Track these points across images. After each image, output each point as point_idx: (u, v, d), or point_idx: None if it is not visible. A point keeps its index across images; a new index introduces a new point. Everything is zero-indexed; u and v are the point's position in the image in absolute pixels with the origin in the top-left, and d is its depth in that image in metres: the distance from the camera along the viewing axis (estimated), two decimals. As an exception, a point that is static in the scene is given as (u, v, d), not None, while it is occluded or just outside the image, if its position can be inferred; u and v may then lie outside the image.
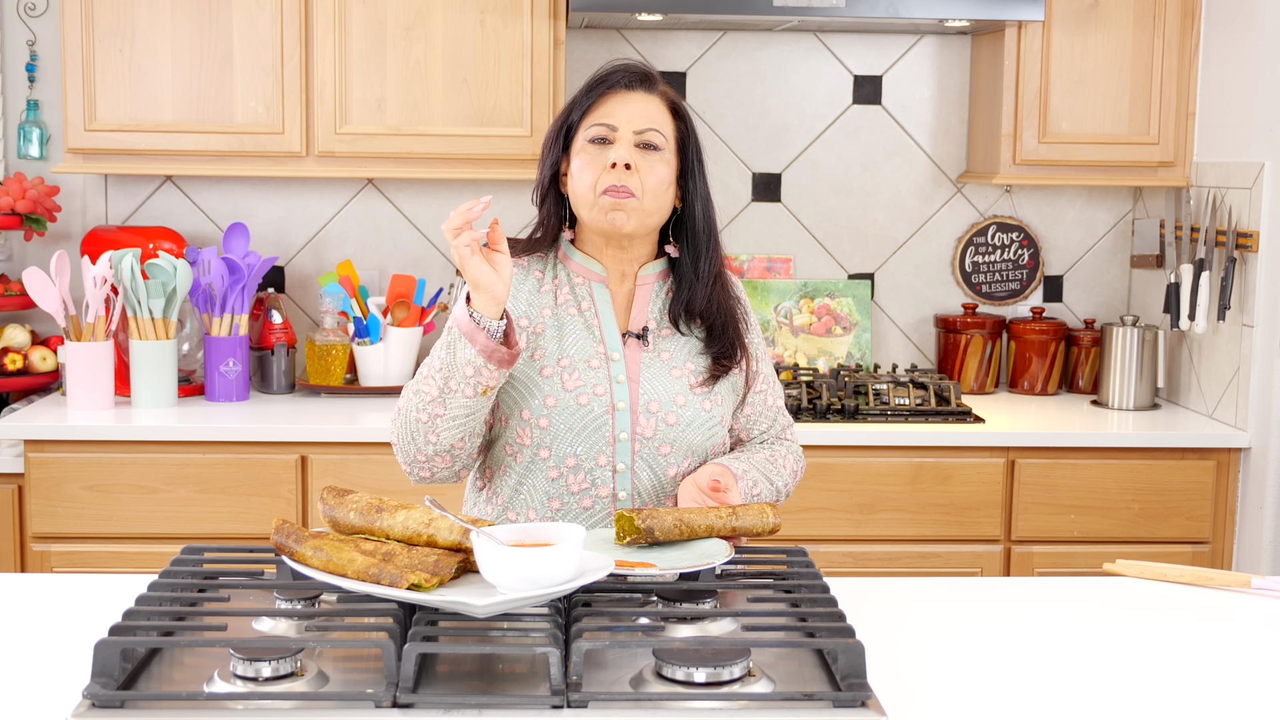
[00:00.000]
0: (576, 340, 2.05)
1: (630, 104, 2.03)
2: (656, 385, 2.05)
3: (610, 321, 2.08)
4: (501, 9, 3.37)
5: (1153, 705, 1.58)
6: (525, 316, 2.06)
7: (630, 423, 2.03)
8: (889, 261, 3.86)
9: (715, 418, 2.08)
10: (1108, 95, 3.49)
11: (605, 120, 2.03)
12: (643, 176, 2.01)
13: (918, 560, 3.27)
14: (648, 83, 2.06)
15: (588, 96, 2.05)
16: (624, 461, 2.03)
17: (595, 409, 2.02)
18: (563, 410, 2.01)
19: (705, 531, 1.88)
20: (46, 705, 1.51)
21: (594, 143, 2.03)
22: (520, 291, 2.07)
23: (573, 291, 2.09)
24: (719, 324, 2.10)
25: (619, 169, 1.99)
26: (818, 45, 3.78)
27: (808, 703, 1.46)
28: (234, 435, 3.14)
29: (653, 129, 2.03)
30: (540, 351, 2.04)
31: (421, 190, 3.75)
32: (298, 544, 1.73)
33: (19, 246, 3.69)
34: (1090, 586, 2.06)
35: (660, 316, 2.10)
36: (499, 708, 1.46)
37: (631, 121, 2.02)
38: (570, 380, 2.02)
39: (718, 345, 2.09)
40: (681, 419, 2.04)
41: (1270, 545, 3.20)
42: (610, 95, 2.04)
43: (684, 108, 2.10)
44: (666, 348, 2.09)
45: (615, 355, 2.05)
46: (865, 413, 3.36)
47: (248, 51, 3.34)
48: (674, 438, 2.04)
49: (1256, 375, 3.25)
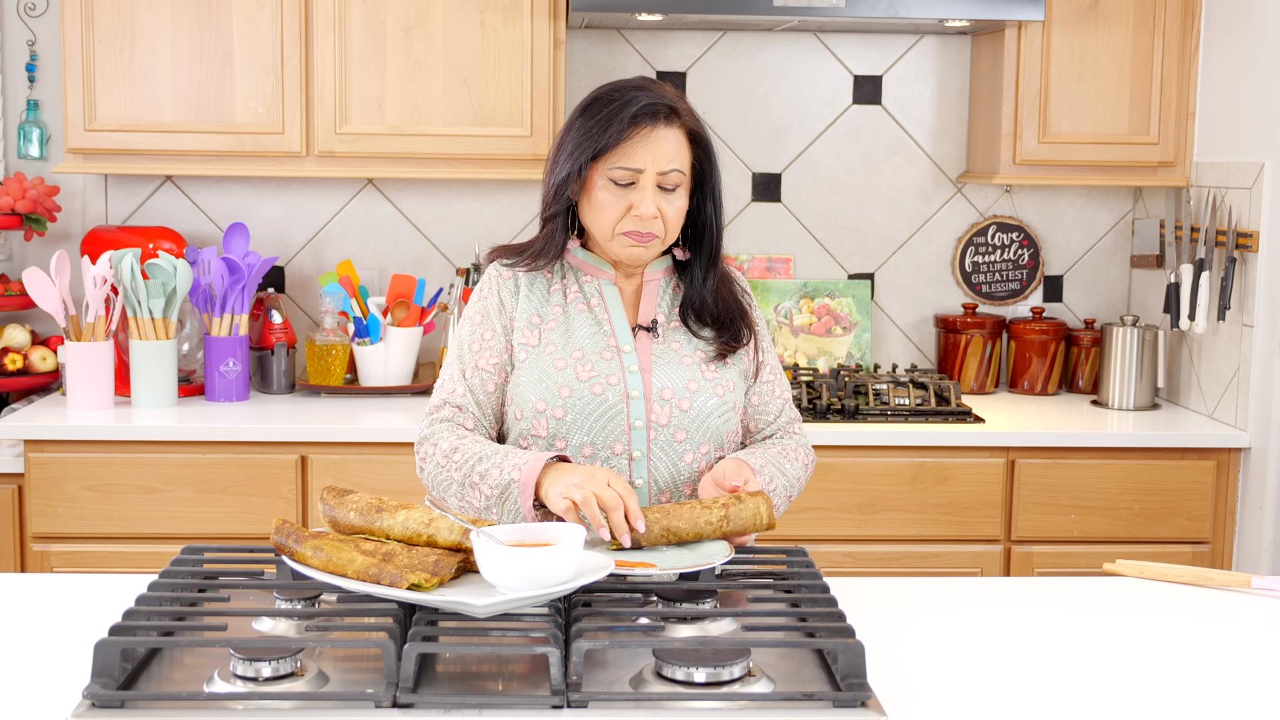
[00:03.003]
0: (588, 334, 2.08)
1: (655, 145, 2.00)
2: (669, 373, 2.08)
3: (620, 316, 2.10)
4: (501, 9, 3.37)
5: (1153, 705, 1.58)
6: (537, 314, 2.10)
7: (645, 410, 2.05)
8: (889, 261, 3.86)
9: (728, 403, 2.10)
10: (1108, 95, 3.49)
11: (629, 164, 2.00)
12: (665, 217, 2.03)
13: (918, 560, 3.27)
14: (671, 117, 2.02)
15: (615, 134, 1.99)
16: (640, 449, 2.05)
17: (610, 398, 2.04)
18: (578, 400, 2.03)
19: (693, 537, 1.88)
20: (46, 705, 1.51)
21: (617, 183, 2.01)
22: (531, 293, 2.11)
23: (581, 289, 2.12)
24: (727, 318, 2.13)
25: (645, 219, 2.00)
26: (818, 45, 3.78)
27: (808, 703, 1.46)
28: (234, 435, 3.14)
29: (675, 169, 2.02)
30: (553, 345, 2.07)
31: (421, 190, 3.75)
32: (298, 544, 1.73)
33: (19, 246, 3.69)
34: (1090, 586, 2.06)
35: (670, 312, 2.14)
36: (499, 708, 1.46)
37: (656, 162, 2.00)
38: (584, 371, 2.05)
39: (727, 334, 2.13)
40: (695, 404, 2.07)
41: (1270, 545, 3.20)
42: (636, 131, 2.00)
43: (704, 135, 2.07)
44: (676, 339, 2.12)
45: (627, 347, 2.08)
46: (865, 413, 3.36)
47: (248, 51, 3.34)
48: (688, 423, 2.06)
49: (1256, 375, 3.25)
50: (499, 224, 3.75)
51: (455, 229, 3.76)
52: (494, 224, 3.76)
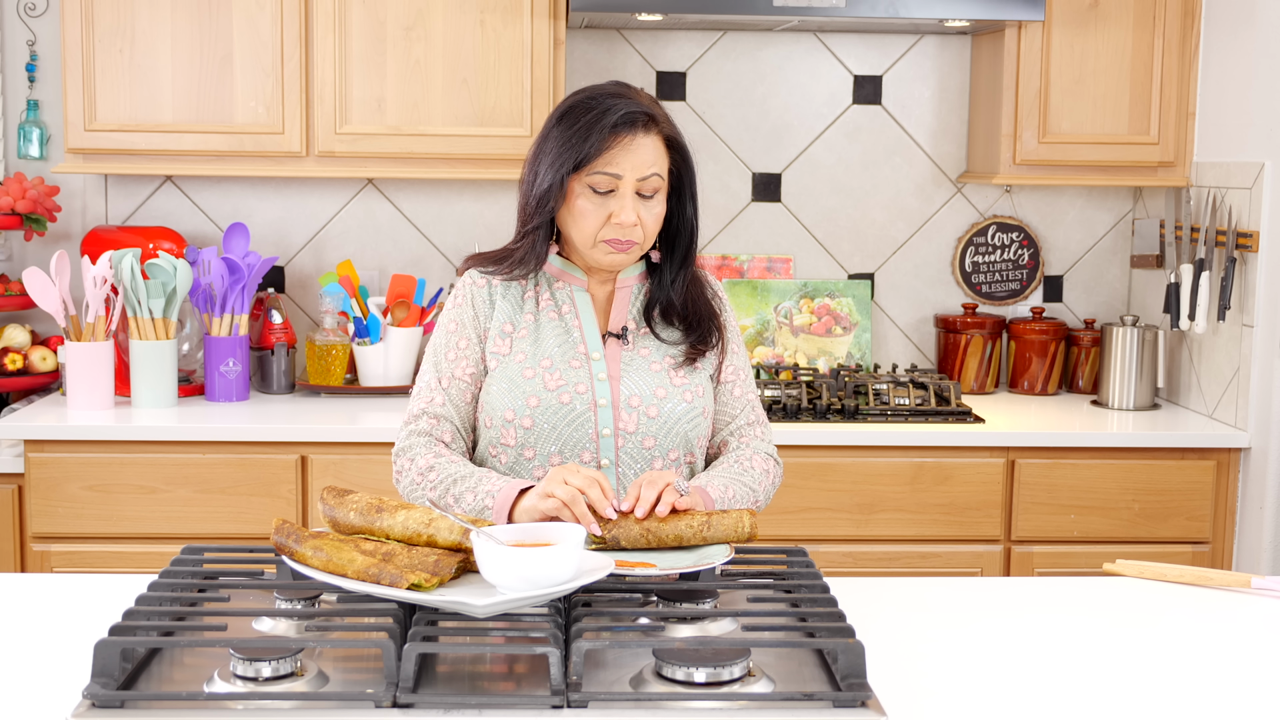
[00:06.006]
0: (557, 342, 2.09)
1: (634, 152, 2.01)
2: (637, 381, 2.08)
3: (591, 322, 2.11)
4: (501, 9, 3.37)
5: (1153, 705, 1.58)
6: (509, 322, 2.10)
7: (612, 418, 2.05)
8: (889, 261, 3.86)
9: (697, 409, 2.10)
10: (1108, 95, 3.49)
11: (609, 170, 2.01)
12: (644, 224, 2.04)
13: (918, 560, 3.27)
14: (649, 124, 2.03)
15: (595, 144, 2.00)
16: (608, 456, 2.05)
17: (578, 406, 2.04)
18: (545, 409, 2.04)
19: (674, 541, 1.87)
20: (46, 705, 1.51)
21: (596, 191, 2.03)
22: (505, 301, 2.11)
23: (553, 296, 2.13)
24: (695, 319, 2.14)
25: (625, 226, 2.02)
26: (818, 45, 3.78)
27: (808, 703, 1.46)
28: (234, 435, 3.14)
29: (654, 174, 2.03)
30: (522, 354, 2.07)
31: (421, 190, 3.75)
32: (298, 544, 1.73)
33: (19, 246, 3.69)
34: (1090, 586, 2.06)
35: (639, 318, 2.14)
36: (499, 708, 1.46)
37: (635, 169, 2.01)
38: (552, 380, 2.05)
39: (695, 334, 2.13)
40: (663, 411, 2.07)
41: (1270, 545, 3.20)
42: (616, 140, 2.01)
43: (680, 140, 2.09)
44: (646, 345, 2.12)
45: (595, 355, 2.08)
46: (865, 413, 3.36)
47: (248, 51, 3.34)
48: (656, 430, 2.06)
49: (1256, 375, 3.25)
50: (499, 224, 3.75)
51: (455, 229, 3.76)
52: (494, 224, 3.76)
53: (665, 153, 2.06)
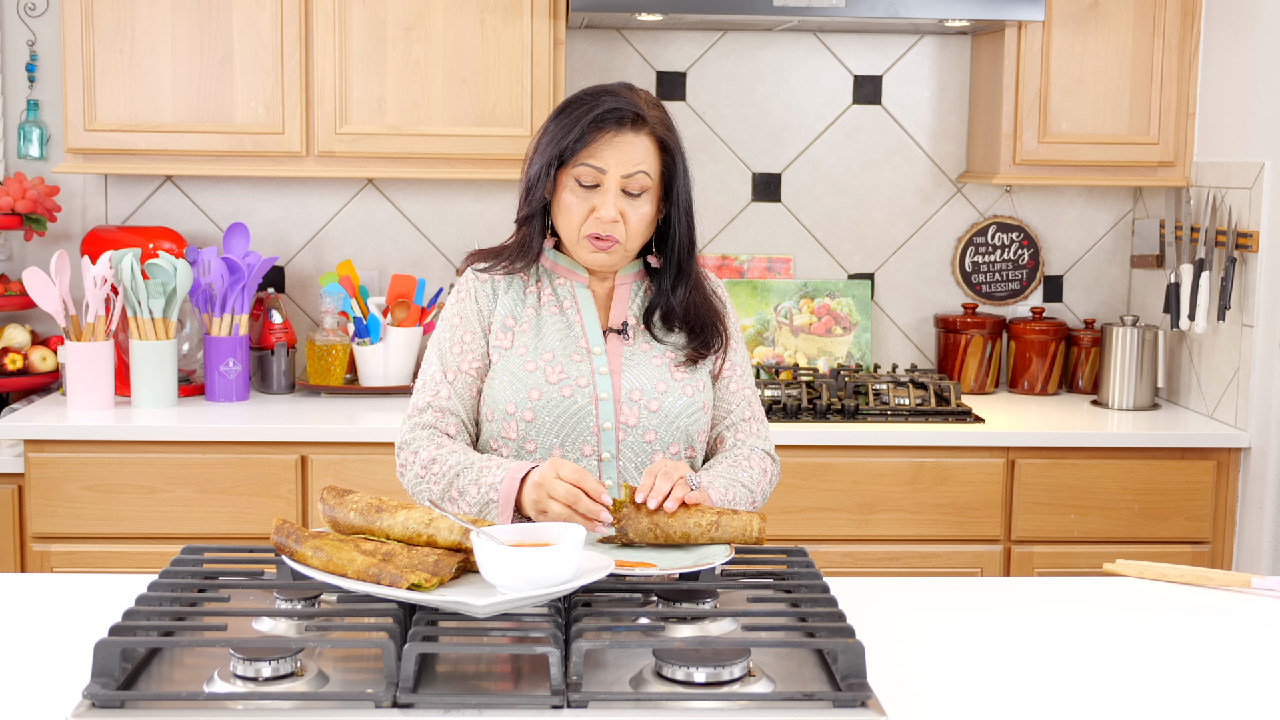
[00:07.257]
0: (559, 337, 2.09)
1: (620, 148, 2.02)
2: (638, 375, 2.09)
3: (592, 317, 2.12)
4: (501, 9, 3.37)
5: (1153, 705, 1.58)
6: (511, 316, 2.11)
7: (614, 412, 2.06)
8: (889, 261, 3.86)
9: (698, 403, 2.10)
10: (1108, 95, 3.49)
11: (593, 162, 2.02)
12: (627, 222, 2.04)
13: (918, 560, 3.27)
14: (638, 123, 2.04)
15: (578, 137, 2.02)
16: (609, 450, 2.06)
17: (579, 400, 2.05)
18: (547, 403, 2.05)
19: (681, 539, 1.87)
20: (46, 705, 1.51)
21: (581, 184, 2.04)
22: (507, 296, 2.12)
23: (555, 291, 2.14)
24: (698, 324, 2.14)
25: (605, 221, 2.02)
26: (818, 45, 3.78)
27: (808, 703, 1.46)
28: (234, 435, 3.14)
29: (640, 171, 2.03)
30: (524, 348, 2.08)
31: (421, 190, 3.75)
32: (298, 544, 1.73)
33: (19, 246, 3.69)
34: (1090, 586, 2.06)
35: (640, 315, 2.15)
36: (499, 708, 1.46)
37: (620, 166, 2.02)
38: (554, 373, 2.06)
39: (698, 339, 2.14)
40: (664, 405, 2.08)
41: (1270, 545, 3.20)
42: (600, 135, 2.02)
43: (671, 142, 2.08)
44: (646, 340, 2.13)
45: (597, 349, 2.09)
46: (865, 413, 3.36)
47: (248, 51, 3.34)
48: (657, 424, 2.07)
49: (1256, 375, 3.25)
50: (499, 224, 3.75)
51: (455, 229, 3.76)
52: (494, 224, 3.76)
53: (656, 154, 2.06)
